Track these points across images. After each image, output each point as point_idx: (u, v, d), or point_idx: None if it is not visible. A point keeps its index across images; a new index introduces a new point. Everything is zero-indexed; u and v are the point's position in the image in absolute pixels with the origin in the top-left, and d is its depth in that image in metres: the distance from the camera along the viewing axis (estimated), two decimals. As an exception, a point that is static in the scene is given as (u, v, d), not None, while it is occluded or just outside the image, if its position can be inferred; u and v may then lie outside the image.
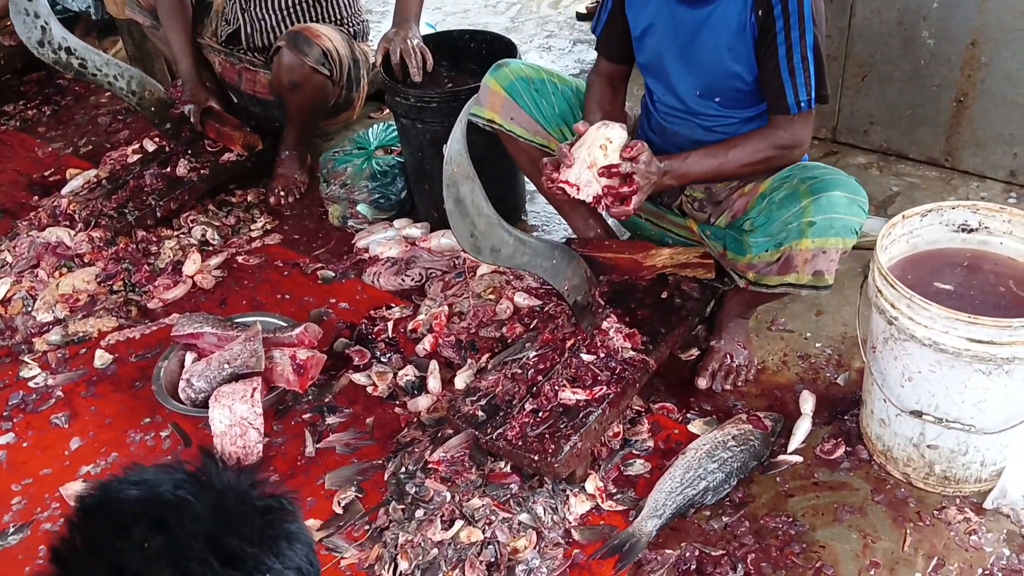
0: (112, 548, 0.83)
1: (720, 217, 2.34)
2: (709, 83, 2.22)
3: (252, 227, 3.30)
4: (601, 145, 2.06)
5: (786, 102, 2.10)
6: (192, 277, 3.05)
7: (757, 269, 2.18)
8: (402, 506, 2.17)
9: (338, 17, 3.35)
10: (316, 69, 3.11)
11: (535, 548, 2.06)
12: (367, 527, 2.17)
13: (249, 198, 3.43)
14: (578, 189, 2.08)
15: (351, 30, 3.38)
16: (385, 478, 2.28)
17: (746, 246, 2.18)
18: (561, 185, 2.09)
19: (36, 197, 3.58)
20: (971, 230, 2.15)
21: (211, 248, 3.20)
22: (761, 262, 2.16)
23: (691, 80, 2.24)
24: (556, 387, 2.20)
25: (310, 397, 2.55)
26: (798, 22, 2.02)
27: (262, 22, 3.32)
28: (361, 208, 3.18)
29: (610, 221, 2.71)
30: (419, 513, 2.13)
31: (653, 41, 2.25)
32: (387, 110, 3.60)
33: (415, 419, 2.43)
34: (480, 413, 2.19)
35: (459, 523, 2.10)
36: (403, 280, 2.92)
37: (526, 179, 3.02)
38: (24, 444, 2.52)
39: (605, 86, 2.44)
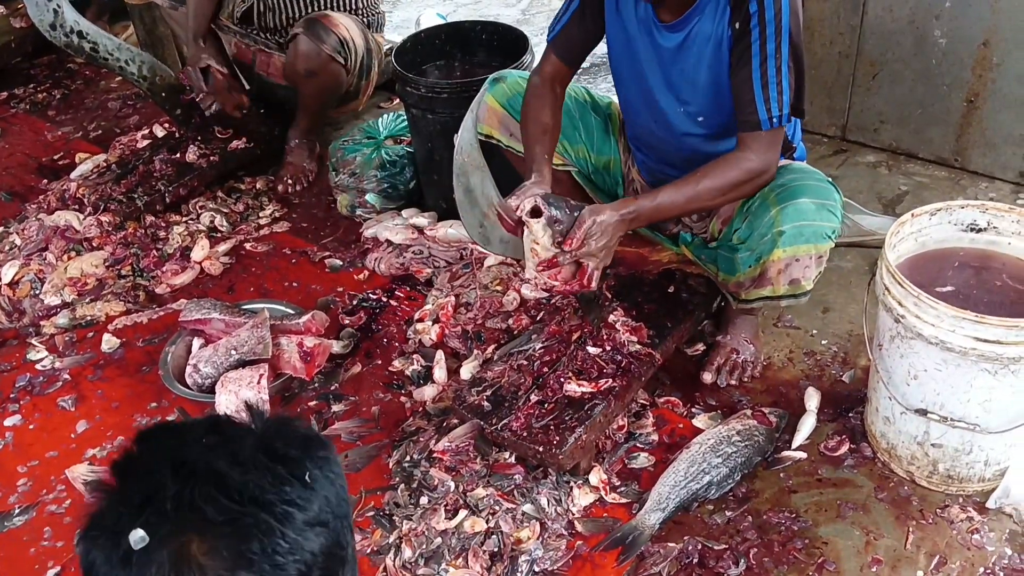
0: (172, 446, 0.92)
1: (713, 223, 2.34)
2: (692, 103, 2.17)
3: (261, 214, 3.31)
4: (532, 251, 2.01)
5: (757, 117, 1.99)
6: (200, 263, 3.06)
7: (745, 287, 2.21)
8: (408, 491, 2.18)
9: (353, 6, 3.35)
10: (333, 57, 3.13)
11: (538, 539, 2.07)
12: (371, 513, 2.18)
13: (258, 185, 3.44)
14: (535, 286, 2.09)
15: (366, 20, 3.38)
16: (390, 466, 2.28)
17: (736, 264, 2.19)
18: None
19: (45, 180, 3.59)
20: (980, 230, 2.15)
21: (219, 235, 3.21)
22: (747, 279, 2.18)
23: (674, 100, 2.20)
24: (561, 379, 2.21)
25: (316, 384, 2.55)
26: (775, 33, 1.94)
27: (275, 2, 3.31)
28: (370, 197, 3.19)
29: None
30: (423, 500, 2.14)
31: (633, 60, 2.22)
32: (397, 100, 3.60)
33: (420, 408, 2.44)
34: (485, 403, 2.20)
35: (463, 513, 2.11)
36: (403, 262, 2.92)
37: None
38: (30, 426, 2.54)
39: (547, 91, 2.31)
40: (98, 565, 0.87)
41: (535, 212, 1.99)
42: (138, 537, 0.84)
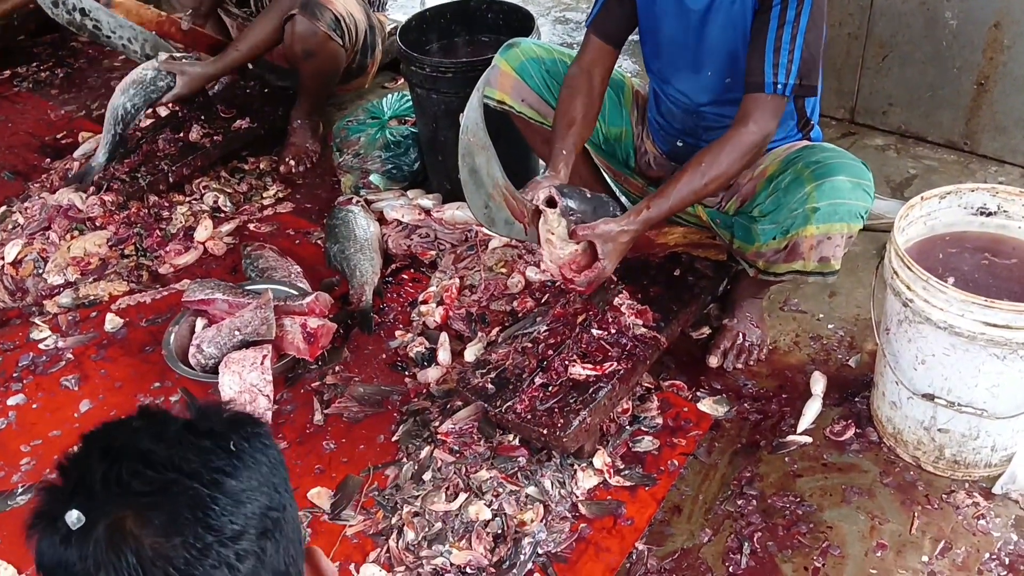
0: (103, 436, 0.98)
1: (730, 202, 2.32)
2: (717, 75, 2.17)
3: (264, 195, 3.29)
4: (547, 240, 2.06)
5: (762, 79, 2.00)
6: (203, 243, 3.04)
7: (766, 258, 2.17)
8: (413, 469, 2.19)
9: None
10: (330, 36, 3.09)
11: (542, 521, 2.06)
12: (374, 494, 2.17)
13: (262, 166, 3.42)
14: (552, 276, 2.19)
15: None
16: (396, 439, 2.30)
17: (754, 234, 2.16)
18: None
19: (48, 159, 3.57)
20: (990, 214, 2.13)
21: (223, 215, 3.19)
22: (769, 250, 2.15)
23: (700, 75, 2.19)
24: (566, 362, 2.20)
25: (319, 365, 2.55)
26: (797, 3, 1.96)
27: None
28: (374, 178, 3.17)
29: (623, 199, 2.70)
30: (427, 476, 2.15)
31: (661, 34, 2.21)
32: (401, 80, 3.58)
33: (424, 390, 2.43)
34: (490, 386, 2.19)
35: (465, 496, 2.10)
36: (412, 243, 2.90)
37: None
38: (34, 405, 2.53)
39: (582, 82, 2.28)
40: (44, 551, 0.91)
41: (550, 202, 1.99)
42: (74, 518, 0.88)
